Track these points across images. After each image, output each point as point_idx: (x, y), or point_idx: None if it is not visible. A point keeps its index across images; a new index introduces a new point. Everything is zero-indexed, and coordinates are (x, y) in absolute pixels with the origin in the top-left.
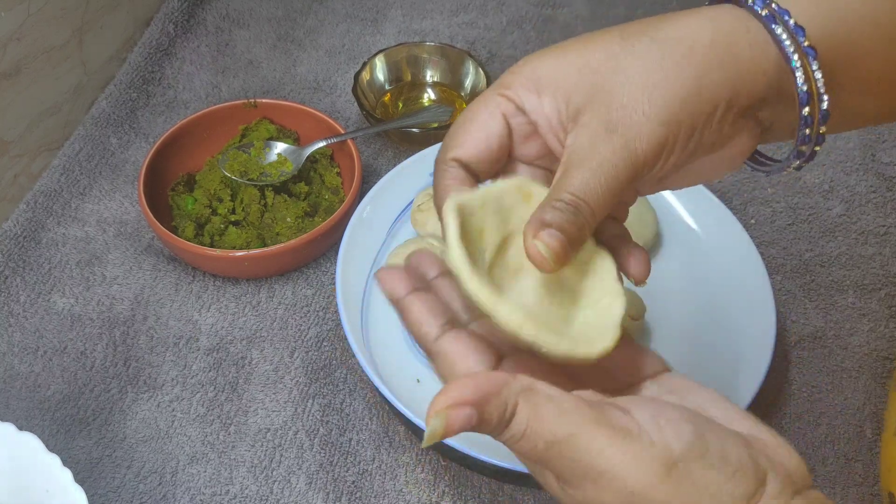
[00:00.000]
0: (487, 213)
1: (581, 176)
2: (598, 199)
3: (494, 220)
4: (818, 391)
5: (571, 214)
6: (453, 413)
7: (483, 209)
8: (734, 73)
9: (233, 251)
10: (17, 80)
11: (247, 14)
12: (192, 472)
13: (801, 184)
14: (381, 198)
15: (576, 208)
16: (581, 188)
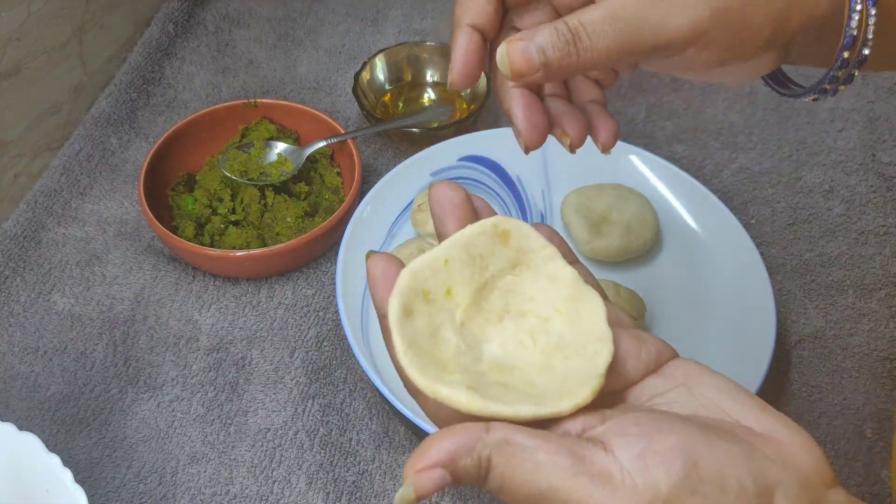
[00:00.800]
0: (455, 268)
1: (604, 12)
2: (604, 41)
3: (465, 272)
4: (818, 391)
5: (564, 40)
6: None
7: (450, 265)
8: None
9: (233, 251)
10: (17, 80)
11: (247, 14)
12: (192, 472)
13: (801, 184)
14: (381, 198)
15: (574, 37)
16: (595, 21)
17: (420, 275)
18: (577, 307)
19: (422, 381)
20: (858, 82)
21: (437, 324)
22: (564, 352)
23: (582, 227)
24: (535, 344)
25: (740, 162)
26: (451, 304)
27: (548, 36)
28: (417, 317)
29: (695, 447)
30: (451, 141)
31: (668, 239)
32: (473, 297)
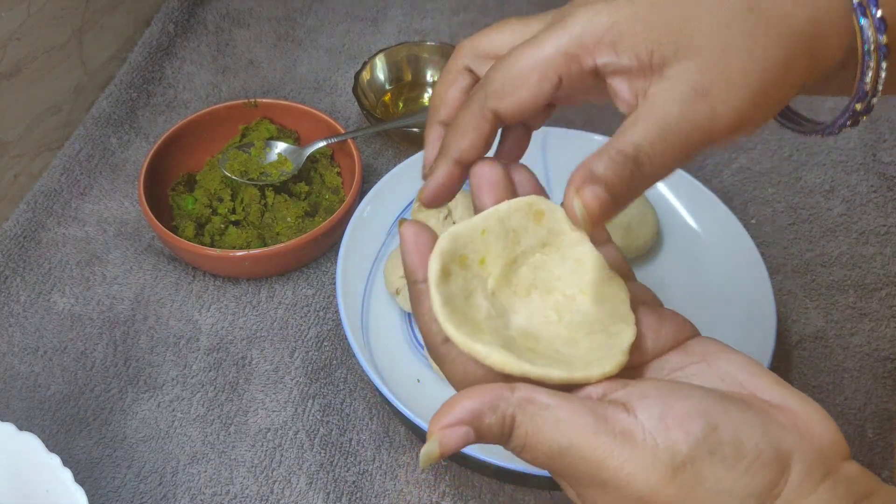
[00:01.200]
0: (490, 239)
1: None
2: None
3: (499, 244)
4: (819, 391)
5: (628, 170)
6: (449, 432)
7: (485, 236)
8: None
9: (233, 251)
10: (17, 80)
11: (247, 14)
12: (192, 472)
13: (801, 184)
14: (381, 198)
15: (635, 163)
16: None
17: (459, 240)
18: (602, 290)
19: (458, 336)
20: None
21: (471, 289)
22: (588, 328)
23: None
24: (560, 319)
25: (740, 162)
26: (484, 273)
27: (611, 170)
28: (453, 280)
29: (713, 412)
30: None
31: (668, 239)
32: (504, 270)
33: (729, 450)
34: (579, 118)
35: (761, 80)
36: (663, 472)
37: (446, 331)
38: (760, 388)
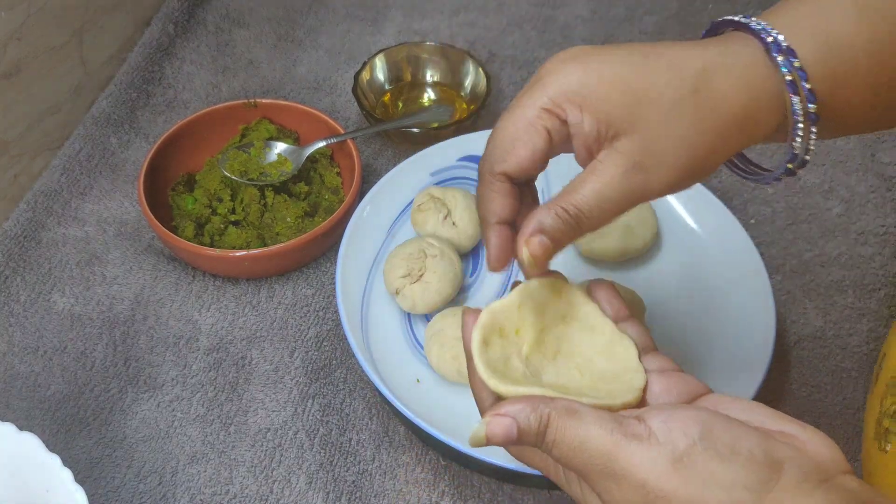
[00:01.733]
0: (525, 312)
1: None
2: (600, 219)
3: (531, 316)
4: (818, 391)
5: (569, 226)
6: (497, 420)
7: (521, 309)
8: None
9: (233, 251)
10: (17, 80)
11: (247, 14)
12: (192, 471)
13: (801, 184)
14: (381, 198)
15: (576, 221)
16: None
17: (498, 315)
18: (614, 349)
19: (501, 386)
20: None
21: (508, 354)
22: (606, 380)
23: None
24: (583, 376)
25: None
26: (519, 341)
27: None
28: (492, 347)
29: (711, 421)
30: (451, 141)
31: (668, 239)
32: (536, 338)
33: (723, 448)
34: None
35: (690, 160)
36: (665, 464)
37: (490, 385)
38: (763, 421)
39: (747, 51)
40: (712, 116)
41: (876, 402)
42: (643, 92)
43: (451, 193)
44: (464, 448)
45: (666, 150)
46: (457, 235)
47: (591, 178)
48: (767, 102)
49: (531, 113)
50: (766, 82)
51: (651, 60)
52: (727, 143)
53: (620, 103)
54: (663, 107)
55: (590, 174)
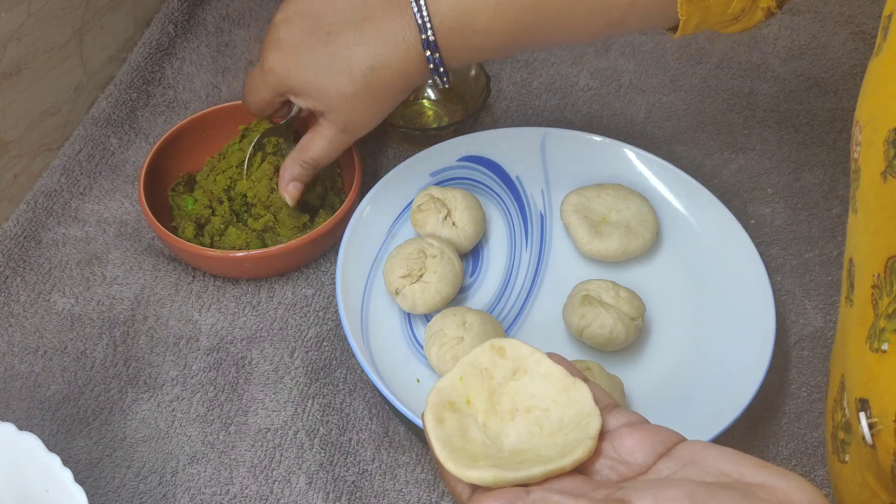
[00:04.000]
0: (470, 381)
1: (322, 148)
2: (326, 162)
3: (478, 382)
4: (818, 391)
5: (310, 171)
6: None
7: (465, 380)
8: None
9: (233, 252)
10: (17, 80)
11: (247, 14)
12: (192, 471)
13: (800, 184)
14: (381, 198)
15: (314, 166)
16: (319, 154)
17: (444, 391)
18: (569, 395)
19: (455, 469)
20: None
21: (465, 426)
22: (564, 430)
23: (581, 227)
24: (542, 430)
25: (739, 162)
26: (472, 410)
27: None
28: (448, 423)
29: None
30: (451, 141)
31: (668, 239)
32: (488, 402)
33: None
34: (578, 119)
35: (376, 118)
36: None
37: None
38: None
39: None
40: (382, 97)
41: (829, 418)
42: (332, 91)
43: (451, 193)
44: None
45: (357, 121)
46: (457, 235)
47: (317, 138)
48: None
49: (267, 94)
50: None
51: (335, 68)
52: (398, 97)
53: (322, 97)
54: (348, 100)
55: (316, 135)
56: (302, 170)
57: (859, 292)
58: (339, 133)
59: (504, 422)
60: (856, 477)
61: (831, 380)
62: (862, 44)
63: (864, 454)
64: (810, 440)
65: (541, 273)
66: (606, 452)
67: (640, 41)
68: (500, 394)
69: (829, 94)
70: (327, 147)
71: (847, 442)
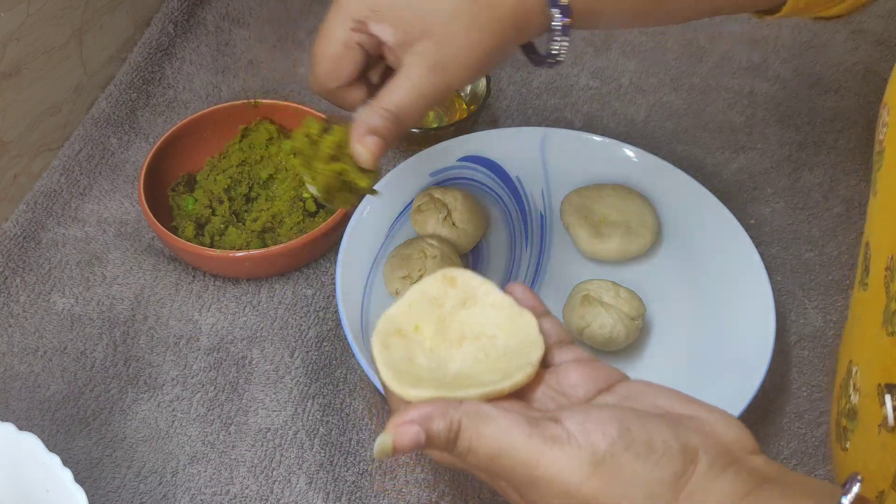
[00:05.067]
0: (420, 308)
1: (407, 95)
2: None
3: (427, 310)
4: (818, 391)
5: (392, 123)
6: (403, 429)
7: (413, 307)
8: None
9: (233, 252)
10: (17, 80)
11: (247, 14)
12: (192, 471)
13: (800, 184)
14: (382, 198)
15: (396, 118)
16: (404, 104)
17: (392, 319)
18: (515, 323)
19: (398, 388)
20: (858, 83)
21: (412, 352)
22: (508, 356)
23: (582, 227)
24: (487, 357)
25: (740, 162)
26: (420, 337)
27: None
28: (395, 349)
29: (626, 418)
30: (451, 141)
31: (668, 239)
32: (437, 329)
33: (641, 446)
34: (578, 119)
35: (478, 56)
36: (586, 468)
37: (389, 385)
38: (672, 405)
39: None
40: (489, 20)
41: (834, 405)
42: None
43: (451, 194)
44: None
45: (457, 51)
46: (457, 236)
47: (401, 80)
48: (534, 8)
49: (342, 34)
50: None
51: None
52: (506, 41)
53: (411, 15)
54: (445, 16)
55: (400, 77)
56: (382, 120)
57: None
58: (429, 72)
59: (451, 348)
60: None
61: (839, 367)
62: (863, 42)
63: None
64: (811, 439)
65: (541, 273)
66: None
67: (640, 41)
68: (450, 321)
69: (830, 93)
70: (411, 92)
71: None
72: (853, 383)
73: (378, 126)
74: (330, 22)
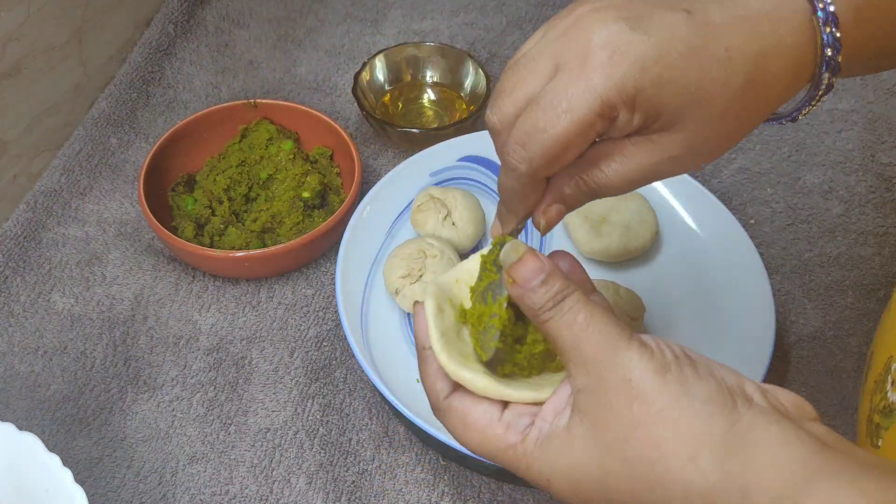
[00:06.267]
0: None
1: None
2: (616, 193)
3: None
4: (816, 391)
5: (585, 198)
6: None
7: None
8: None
9: (233, 252)
10: (17, 80)
11: (247, 14)
12: (192, 471)
13: (800, 184)
14: (381, 198)
15: (592, 195)
16: (611, 183)
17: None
18: None
19: (449, 364)
20: (858, 83)
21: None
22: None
23: (581, 227)
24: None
25: (740, 162)
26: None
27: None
28: (447, 315)
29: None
30: (451, 141)
31: (668, 239)
32: None
33: (703, 369)
34: None
35: (723, 148)
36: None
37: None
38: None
39: (796, 18)
40: (760, 105)
41: (866, 400)
42: (697, 92)
43: (451, 194)
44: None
45: (709, 146)
46: (457, 235)
47: (619, 159)
48: (806, 73)
49: (586, 118)
50: (809, 57)
51: (707, 51)
52: (762, 119)
53: (672, 103)
54: (714, 108)
55: (619, 154)
56: (577, 192)
57: None
58: (660, 162)
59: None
60: None
61: (875, 361)
62: None
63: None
64: None
65: None
66: None
67: None
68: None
69: (829, 92)
70: (627, 177)
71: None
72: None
73: (568, 196)
74: (570, 91)
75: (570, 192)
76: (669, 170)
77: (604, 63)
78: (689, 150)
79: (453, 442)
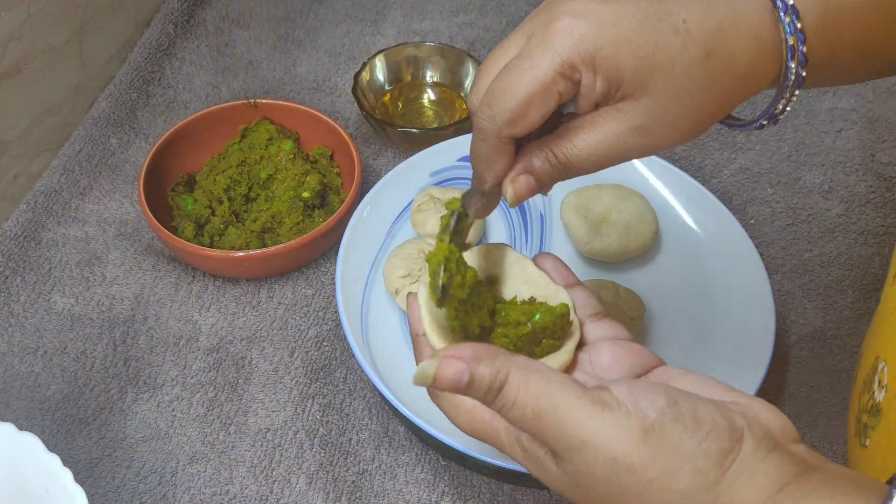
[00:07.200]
0: None
1: (590, 149)
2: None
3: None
4: (816, 391)
5: (556, 172)
6: (448, 361)
7: None
8: (752, 89)
9: (233, 252)
10: (17, 80)
11: (247, 14)
12: (191, 471)
13: (800, 184)
14: (381, 198)
15: (564, 169)
16: (581, 157)
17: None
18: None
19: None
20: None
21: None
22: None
23: (581, 227)
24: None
25: (740, 162)
26: None
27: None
28: None
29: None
30: (450, 141)
31: (668, 239)
32: None
33: (689, 419)
34: None
35: (694, 121)
36: (635, 435)
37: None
38: (713, 394)
39: (756, 6)
40: (722, 78)
41: (855, 400)
42: (656, 57)
43: (450, 194)
44: (464, 448)
45: (673, 116)
46: None
47: (588, 130)
48: (770, 57)
49: (547, 76)
50: (770, 37)
51: (665, 21)
52: (731, 100)
53: (632, 68)
54: (675, 74)
55: (588, 126)
56: (546, 165)
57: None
58: (629, 132)
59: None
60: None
61: (864, 361)
62: None
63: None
64: (810, 440)
65: None
66: (583, 366)
67: None
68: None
69: (829, 92)
70: (598, 147)
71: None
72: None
73: (537, 169)
74: (533, 53)
75: (539, 165)
76: (638, 142)
77: (565, 27)
78: (655, 119)
79: (453, 442)
